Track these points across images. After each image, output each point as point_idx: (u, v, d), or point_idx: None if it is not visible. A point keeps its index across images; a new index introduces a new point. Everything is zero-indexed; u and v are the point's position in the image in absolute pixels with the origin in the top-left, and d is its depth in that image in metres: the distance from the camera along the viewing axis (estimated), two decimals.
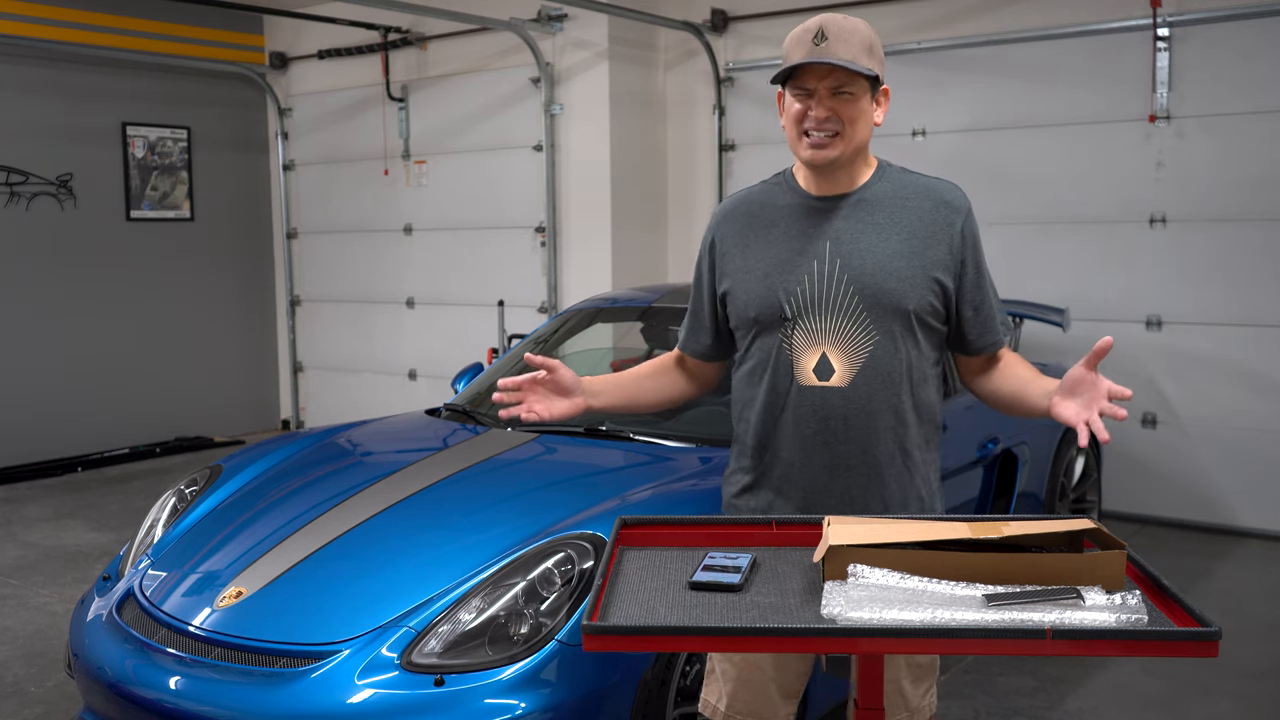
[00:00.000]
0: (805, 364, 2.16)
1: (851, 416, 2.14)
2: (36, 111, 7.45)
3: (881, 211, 2.18)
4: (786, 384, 2.18)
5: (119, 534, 5.86)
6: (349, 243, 8.43)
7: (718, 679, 2.30)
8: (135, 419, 8.03)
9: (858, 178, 2.21)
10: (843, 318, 2.14)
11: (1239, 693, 3.78)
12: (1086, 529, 1.76)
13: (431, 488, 3.35)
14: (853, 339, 2.14)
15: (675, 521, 2.07)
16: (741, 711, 2.26)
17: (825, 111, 2.11)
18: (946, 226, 2.17)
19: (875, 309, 2.13)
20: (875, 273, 2.13)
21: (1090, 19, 5.80)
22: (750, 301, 2.21)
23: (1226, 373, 5.67)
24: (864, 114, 2.14)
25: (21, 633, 4.47)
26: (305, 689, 2.60)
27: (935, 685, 2.34)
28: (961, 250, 2.17)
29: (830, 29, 2.09)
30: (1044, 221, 6.02)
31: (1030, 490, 4.61)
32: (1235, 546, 5.52)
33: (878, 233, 2.16)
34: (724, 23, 7.00)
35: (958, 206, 2.19)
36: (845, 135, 2.12)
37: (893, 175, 2.23)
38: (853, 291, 2.13)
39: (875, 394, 2.15)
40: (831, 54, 2.07)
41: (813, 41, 2.09)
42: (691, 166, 7.27)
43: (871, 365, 2.14)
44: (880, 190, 2.20)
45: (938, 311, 2.18)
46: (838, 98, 2.11)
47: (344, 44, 8.06)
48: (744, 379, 2.27)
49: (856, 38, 2.09)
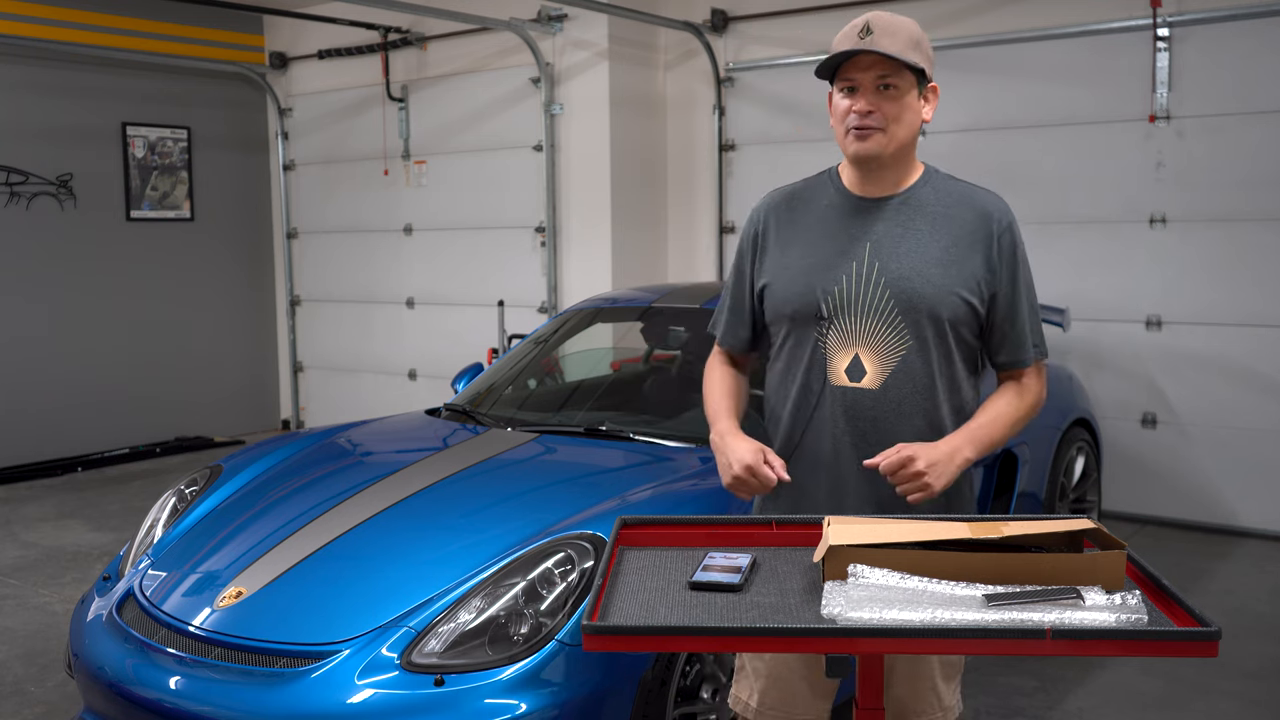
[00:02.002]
0: (838, 364, 2.17)
1: (881, 419, 2.15)
2: (36, 111, 7.45)
3: (924, 217, 2.18)
4: (819, 383, 2.19)
5: (119, 534, 5.86)
6: (349, 243, 8.43)
7: (749, 675, 2.29)
8: (135, 419, 8.03)
9: (903, 180, 2.21)
10: (877, 320, 2.15)
11: (1239, 693, 3.78)
12: (1086, 529, 1.76)
13: (431, 488, 3.35)
14: (886, 342, 2.15)
15: (675, 521, 2.07)
16: (773, 708, 2.26)
17: (868, 105, 2.11)
18: (986, 238, 2.17)
19: (910, 314, 2.14)
20: (912, 278, 2.13)
21: (1090, 19, 5.80)
22: (788, 298, 2.21)
23: (1226, 373, 5.67)
24: (909, 109, 2.14)
25: (21, 633, 4.47)
26: (305, 689, 2.60)
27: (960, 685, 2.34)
28: (999, 263, 2.17)
29: (876, 24, 2.10)
30: (1044, 221, 6.02)
31: (1030, 490, 4.61)
32: (1235, 546, 5.51)
33: (918, 238, 2.16)
34: (724, 23, 7.00)
35: (999, 219, 2.19)
36: (888, 131, 2.12)
37: (938, 181, 2.23)
38: (889, 295, 2.14)
39: (906, 398, 2.15)
40: (876, 45, 2.07)
41: (858, 35, 2.09)
42: (691, 166, 7.27)
43: (903, 369, 2.15)
44: (924, 196, 2.20)
45: (972, 322, 2.18)
46: (882, 93, 2.11)
47: (344, 44, 8.06)
48: (778, 376, 2.28)
49: (903, 32, 2.11)
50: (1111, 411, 5.87)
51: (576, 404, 4.41)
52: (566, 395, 4.55)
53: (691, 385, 4.25)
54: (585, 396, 4.47)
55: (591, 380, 4.68)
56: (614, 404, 4.36)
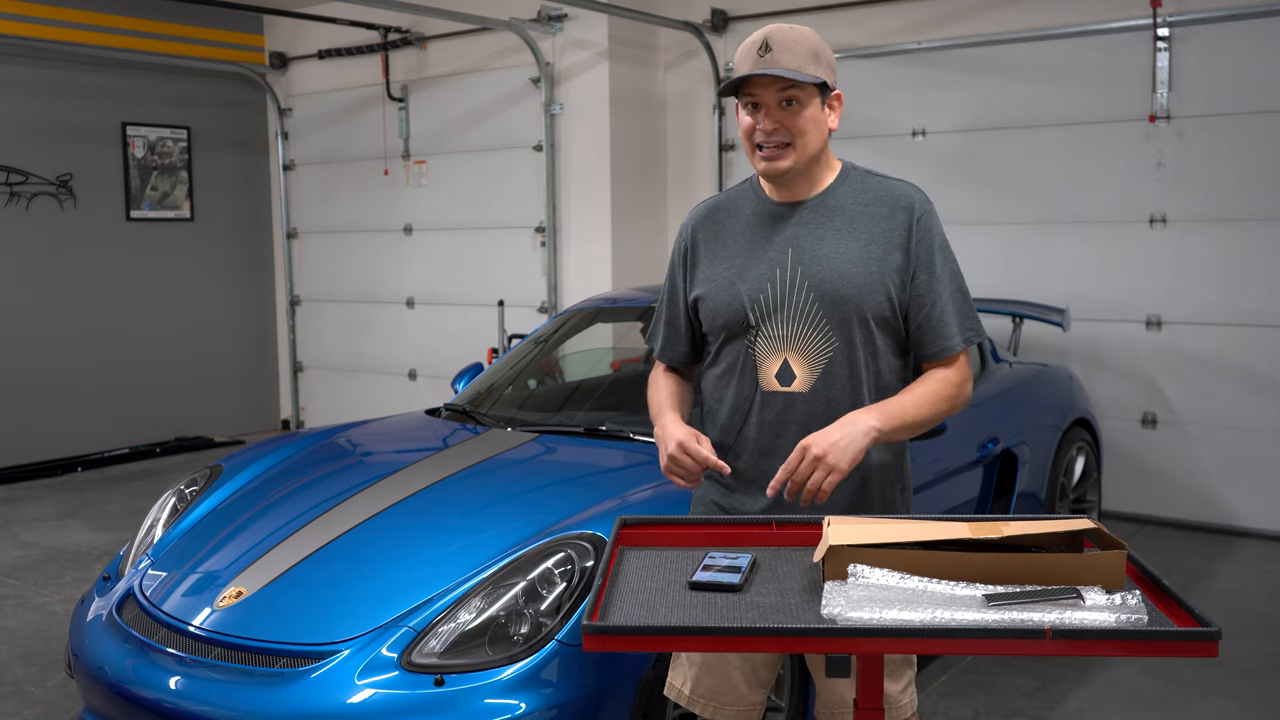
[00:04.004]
0: (768, 369, 2.20)
1: (811, 421, 2.16)
2: (36, 111, 7.45)
3: (841, 216, 2.20)
4: (751, 389, 2.22)
5: (119, 534, 5.86)
6: (349, 243, 8.43)
7: (682, 663, 2.32)
8: (135, 419, 8.03)
9: (818, 183, 2.23)
10: (803, 323, 2.17)
11: (1239, 693, 3.78)
12: (1086, 529, 1.76)
13: (431, 488, 3.35)
14: (813, 344, 2.17)
15: (675, 521, 2.08)
16: (704, 696, 2.28)
17: (773, 124, 2.14)
18: (902, 229, 2.18)
19: (834, 315, 2.16)
20: (833, 279, 2.15)
21: (1090, 19, 5.80)
22: (718, 309, 2.24)
23: (1226, 373, 5.67)
24: (814, 122, 2.15)
25: (21, 633, 4.47)
26: (305, 689, 2.60)
27: (914, 683, 2.33)
28: (916, 252, 2.17)
29: (775, 39, 2.11)
30: (1044, 221, 6.03)
31: (1030, 490, 4.61)
32: (1235, 546, 5.51)
33: (836, 238, 2.18)
34: (724, 23, 7.00)
35: (913, 209, 2.19)
36: (796, 146, 2.15)
37: (855, 179, 2.25)
38: (813, 298, 2.16)
39: (835, 399, 2.17)
40: (776, 64, 2.09)
41: (758, 53, 2.11)
42: (691, 166, 7.27)
43: (831, 370, 2.17)
44: (840, 195, 2.22)
45: (895, 316, 2.19)
46: (786, 109, 2.13)
47: (344, 44, 8.06)
48: (713, 383, 2.31)
49: (801, 46, 2.12)
50: (1111, 411, 5.87)
51: (576, 404, 4.41)
52: (566, 395, 4.55)
53: None
54: (585, 396, 4.47)
55: (591, 380, 4.68)
56: (614, 404, 4.36)
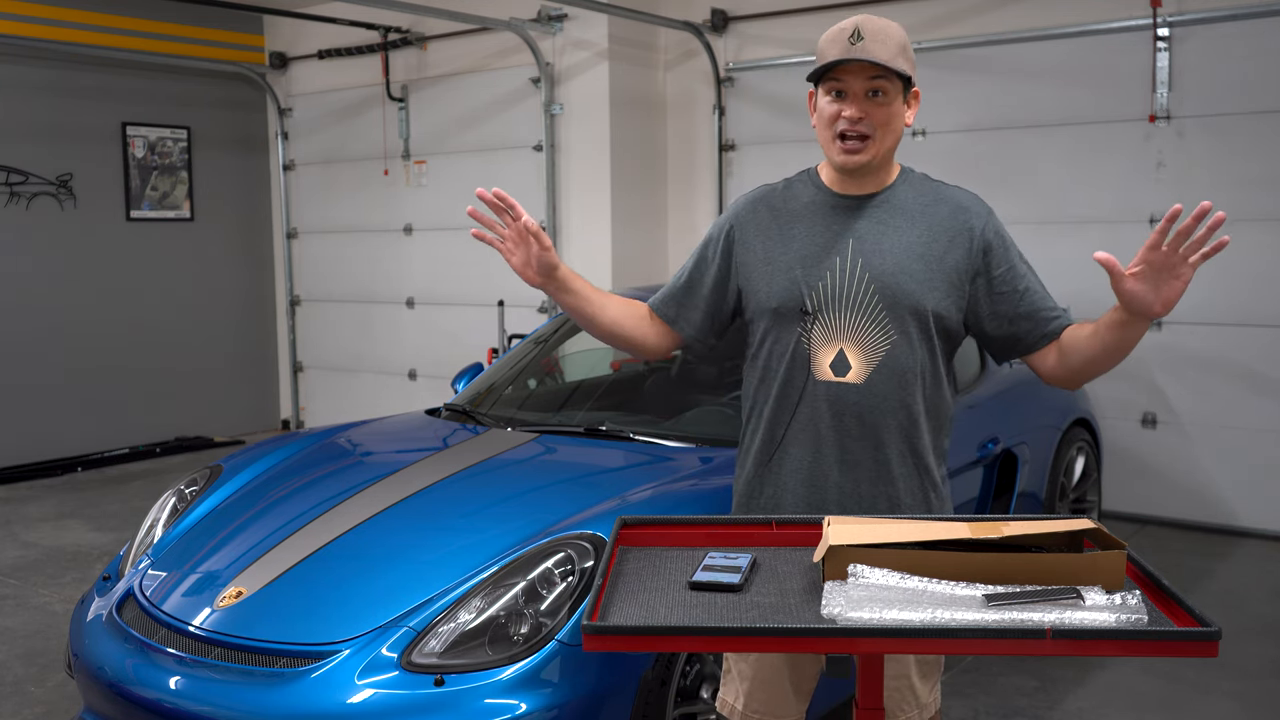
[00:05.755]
0: (822, 359, 2.17)
1: (865, 413, 2.16)
2: (36, 111, 7.45)
3: (904, 215, 2.19)
4: (802, 378, 2.19)
5: (119, 534, 5.86)
6: (349, 243, 8.43)
7: (734, 679, 2.31)
8: (135, 419, 8.02)
9: (883, 179, 2.22)
10: (862, 315, 2.15)
11: (1239, 693, 3.78)
12: (1086, 529, 1.76)
13: (431, 488, 3.35)
14: (870, 336, 2.16)
15: (675, 521, 2.07)
16: (759, 710, 2.28)
17: (859, 112, 2.12)
18: (965, 229, 2.18)
19: (894, 308, 2.14)
20: (895, 273, 2.15)
21: (1090, 19, 5.80)
22: (772, 294, 2.21)
23: (1226, 373, 5.67)
24: (896, 116, 2.15)
25: (21, 633, 4.47)
26: (305, 689, 2.60)
27: (940, 682, 2.35)
28: (983, 251, 2.17)
29: (866, 28, 2.10)
30: (1044, 221, 6.02)
31: (1030, 490, 4.61)
32: (1235, 546, 5.51)
33: (898, 234, 2.17)
34: (724, 23, 7.00)
35: (976, 210, 2.21)
36: (877, 139, 2.14)
37: (915, 180, 2.25)
38: (873, 290, 2.15)
39: (890, 392, 2.16)
40: (868, 53, 2.07)
41: (849, 40, 2.09)
42: (691, 166, 7.27)
43: (888, 364, 2.15)
44: (902, 193, 2.22)
45: (955, 315, 2.19)
46: (871, 100, 2.12)
47: (344, 44, 8.06)
48: (758, 374, 2.28)
49: (891, 38, 2.11)
50: (1111, 411, 5.86)
51: (576, 404, 4.41)
52: (566, 395, 4.55)
53: (692, 385, 4.26)
54: (585, 396, 4.47)
55: (591, 380, 4.68)
56: (614, 404, 4.36)
